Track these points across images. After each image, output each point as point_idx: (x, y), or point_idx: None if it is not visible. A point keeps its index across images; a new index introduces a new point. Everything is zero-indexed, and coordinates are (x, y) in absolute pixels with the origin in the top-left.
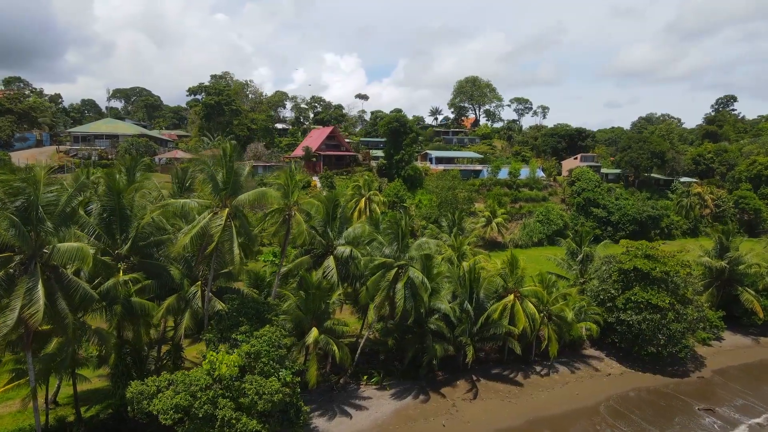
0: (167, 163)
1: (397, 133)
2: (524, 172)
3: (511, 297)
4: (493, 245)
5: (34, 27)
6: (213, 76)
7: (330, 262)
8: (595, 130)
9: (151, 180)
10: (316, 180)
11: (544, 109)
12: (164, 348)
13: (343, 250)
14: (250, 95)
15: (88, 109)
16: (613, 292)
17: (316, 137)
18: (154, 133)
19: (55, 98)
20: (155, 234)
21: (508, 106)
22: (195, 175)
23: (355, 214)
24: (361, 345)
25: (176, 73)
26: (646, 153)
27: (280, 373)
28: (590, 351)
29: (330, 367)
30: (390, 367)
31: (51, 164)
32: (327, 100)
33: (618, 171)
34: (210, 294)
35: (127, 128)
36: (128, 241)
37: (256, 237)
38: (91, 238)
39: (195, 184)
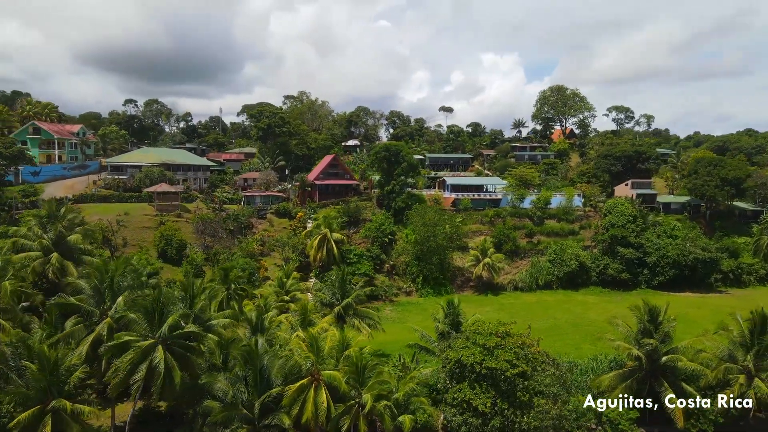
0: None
1: (390, 162)
2: (557, 200)
3: (304, 381)
4: (487, 287)
5: (219, 46)
6: (287, 97)
7: (91, 336)
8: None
9: None
10: (303, 211)
11: (648, 119)
12: None
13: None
14: (318, 114)
15: (215, 126)
16: (447, 383)
17: (319, 165)
18: (196, 160)
19: (185, 116)
20: None
21: (606, 115)
22: None
23: (312, 252)
24: (128, 420)
25: (339, 81)
26: (715, 180)
27: None
28: None
29: None
30: None
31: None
32: (405, 114)
33: (683, 200)
34: None
35: (153, 158)
36: None
37: None
38: None
39: None
